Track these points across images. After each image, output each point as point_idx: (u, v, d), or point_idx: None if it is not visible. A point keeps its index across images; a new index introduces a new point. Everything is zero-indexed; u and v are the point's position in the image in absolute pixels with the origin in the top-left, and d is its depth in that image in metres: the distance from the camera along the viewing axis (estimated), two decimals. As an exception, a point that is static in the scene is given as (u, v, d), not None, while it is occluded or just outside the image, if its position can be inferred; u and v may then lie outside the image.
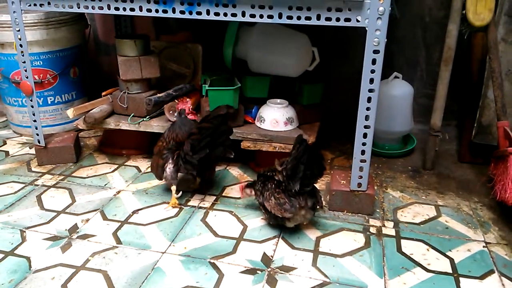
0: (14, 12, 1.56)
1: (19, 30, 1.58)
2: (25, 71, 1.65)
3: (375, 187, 1.62)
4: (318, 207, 1.34)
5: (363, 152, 1.40)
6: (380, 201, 1.57)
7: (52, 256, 1.26)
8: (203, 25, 1.46)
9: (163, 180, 1.54)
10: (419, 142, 1.97)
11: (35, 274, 1.19)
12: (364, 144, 1.39)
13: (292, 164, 1.26)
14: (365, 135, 1.37)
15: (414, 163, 1.87)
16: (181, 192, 1.56)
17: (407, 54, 2.07)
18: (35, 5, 1.53)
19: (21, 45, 1.61)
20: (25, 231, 1.37)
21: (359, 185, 1.44)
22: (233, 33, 1.73)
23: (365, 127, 1.36)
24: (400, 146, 1.97)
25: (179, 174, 1.52)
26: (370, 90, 1.32)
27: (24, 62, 1.63)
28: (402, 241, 1.35)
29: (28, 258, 1.25)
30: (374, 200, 1.50)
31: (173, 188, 1.52)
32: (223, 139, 1.47)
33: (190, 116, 1.54)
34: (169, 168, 1.50)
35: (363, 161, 1.41)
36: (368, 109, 1.34)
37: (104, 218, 1.45)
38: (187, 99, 1.58)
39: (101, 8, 1.46)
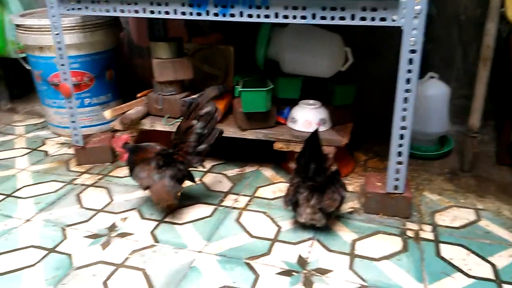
0: (53, 16, 1.61)
1: (58, 34, 1.64)
2: (64, 73, 1.70)
3: (412, 190, 1.59)
4: (327, 211, 1.32)
5: (399, 154, 1.37)
6: (417, 204, 1.54)
7: (93, 253, 1.30)
8: (235, 26, 1.47)
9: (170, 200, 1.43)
10: (456, 143, 1.92)
11: (77, 271, 1.22)
12: (401, 145, 1.36)
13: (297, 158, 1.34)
14: (402, 136, 1.35)
15: (451, 165, 1.82)
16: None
17: (442, 53, 2.02)
18: (73, 9, 1.58)
19: (60, 48, 1.66)
20: (66, 229, 1.42)
21: (396, 187, 1.41)
22: (266, 34, 1.74)
23: (402, 128, 1.34)
24: (436, 147, 1.92)
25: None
26: (407, 90, 1.30)
27: (63, 64, 1.68)
28: (441, 245, 1.32)
29: (69, 255, 1.29)
30: (411, 203, 1.47)
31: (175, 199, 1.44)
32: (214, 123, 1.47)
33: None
34: (166, 181, 1.40)
35: (400, 163, 1.38)
36: (405, 109, 1.32)
37: (142, 217, 1.48)
38: (122, 137, 1.58)
39: (136, 11, 1.48)
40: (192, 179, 1.52)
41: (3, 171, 1.81)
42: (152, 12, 1.47)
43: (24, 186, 1.68)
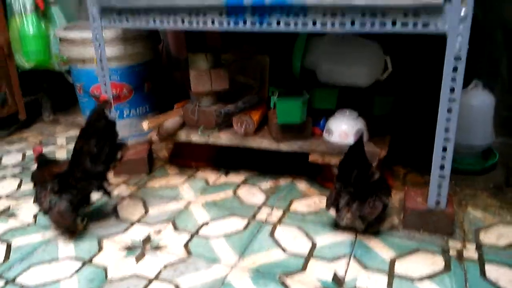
0: (95, 29, 1.65)
1: (99, 46, 1.68)
2: (105, 85, 1.74)
3: (454, 206, 1.51)
4: (369, 219, 1.33)
5: (442, 167, 1.31)
6: (459, 221, 1.46)
7: (127, 266, 1.30)
8: (270, 37, 1.46)
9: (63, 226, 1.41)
10: (501, 156, 1.81)
11: (111, 284, 1.23)
12: (443, 158, 1.30)
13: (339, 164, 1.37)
14: (444, 149, 1.29)
15: (496, 180, 1.72)
16: (86, 220, 1.49)
17: (487, 61, 1.93)
18: (114, 22, 1.62)
19: (101, 60, 1.70)
20: (102, 240, 1.43)
21: (438, 202, 1.34)
22: (303, 43, 1.72)
23: (445, 139, 1.28)
24: (480, 161, 1.82)
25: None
26: (451, 100, 1.24)
27: (104, 76, 1.73)
28: (486, 265, 1.24)
29: (104, 268, 1.30)
30: (454, 219, 1.39)
31: (78, 222, 1.44)
32: (113, 136, 1.43)
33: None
34: (69, 204, 1.36)
35: (442, 176, 1.32)
36: (448, 120, 1.25)
37: (176, 229, 1.48)
38: (37, 147, 1.51)
39: (175, 23, 1.50)
40: (87, 201, 1.47)
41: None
42: (190, 23, 1.48)
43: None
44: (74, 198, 1.38)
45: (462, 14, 1.15)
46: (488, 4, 1.82)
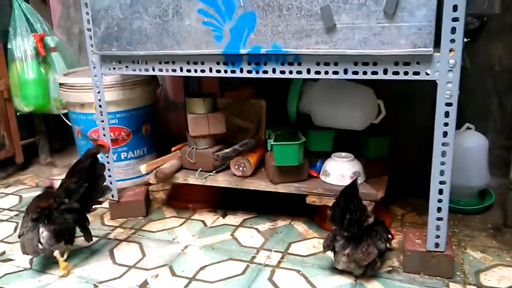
0: (95, 75, 1.69)
1: (99, 92, 1.72)
2: (103, 129, 1.76)
3: (453, 247, 1.51)
4: (361, 264, 1.33)
5: (439, 210, 1.32)
6: (459, 263, 1.45)
7: (123, 312, 1.28)
8: (266, 80, 1.51)
9: (41, 252, 1.43)
10: (497, 197, 1.83)
11: (107, 331, 1.20)
12: (440, 201, 1.31)
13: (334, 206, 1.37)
14: (440, 191, 1.30)
15: (494, 220, 1.73)
16: (66, 254, 1.53)
17: (478, 104, 1.98)
18: (114, 69, 1.66)
19: (100, 106, 1.73)
20: (98, 286, 1.41)
21: (437, 245, 1.34)
22: (297, 88, 1.76)
23: (441, 182, 1.29)
24: (477, 201, 1.84)
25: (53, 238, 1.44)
26: (444, 144, 1.26)
27: (102, 121, 1.75)
28: (489, 309, 1.23)
29: (100, 314, 1.28)
30: (454, 261, 1.39)
31: (56, 253, 1.47)
32: (98, 178, 1.53)
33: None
34: (43, 235, 1.42)
35: (439, 219, 1.32)
36: (443, 163, 1.28)
37: (173, 274, 1.46)
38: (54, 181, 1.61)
39: (174, 70, 1.55)
40: (68, 238, 1.51)
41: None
42: (188, 71, 1.52)
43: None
44: (49, 229, 1.43)
45: (451, 62, 1.19)
46: (475, 52, 1.90)
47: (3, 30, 2.36)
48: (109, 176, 1.80)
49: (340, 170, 1.66)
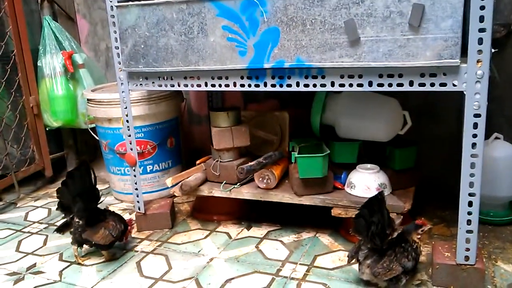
0: (122, 92, 1.74)
1: (126, 107, 1.76)
2: (130, 143, 1.80)
3: (484, 260, 1.47)
4: (381, 279, 1.32)
5: (469, 222, 1.29)
6: (490, 276, 1.42)
7: (152, 325, 1.29)
8: (289, 92, 1.52)
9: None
10: (529, 207, 1.79)
11: None
12: (469, 213, 1.29)
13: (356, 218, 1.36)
14: (470, 204, 1.28)
15: (525, 232, 1.69)
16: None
17: (506, 113, 1.94)
18: (141, 85, 1.70)
19: (127, 121, 1.77)
20: (126, 298, 1.43)
21: (467, 258, 1.32)
22: (321, 100, 1.77)
23: (470, 194, 1.27)
24: (507, 212, 1.79)
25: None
26: (473, 155, 1.24)
27: (129, 135, 1.79)
28: (524, 324, 1.19)
29: (130, 327, 1.29)
30: (484, 275, 1.36)
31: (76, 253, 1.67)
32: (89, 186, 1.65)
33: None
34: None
35: (469, 231, 1.30)
36: (472, 175, 1.26)
37: (199, 286, 1.47)
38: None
39: (199, 86, 1.57)
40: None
41: (67, 237, 1.89)
42: (213, 85, 1.55)
43: (89, 252, 1.74)
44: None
45: (479, 73, 1.18)
46: (503, 60, 1.87)
47: (34, 48, 2.44)
48: (136, 189, 1.84)
49: (365, 181, 1.64)
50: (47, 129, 2.52)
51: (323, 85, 1.39)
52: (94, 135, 2.26)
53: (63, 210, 1.64)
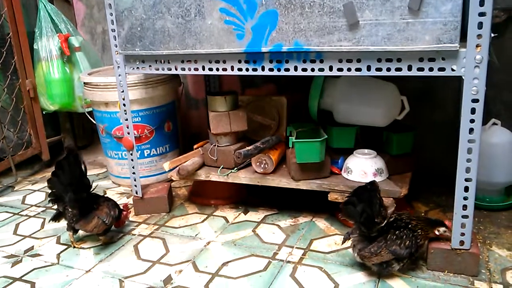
0: (119, 75, 1.72)
1: (123, 91, 1.74)
2: (127, 127, 1.79)
3: (479, 245, 1.49)
4: (367, 263, 1.35)
5: (464, 207, 1.30)
6: (485, 260, 1.43)
7: (149, 307, 1.30)
8: (287, 77, 1.51)
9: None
10: (524, 193, 1.80)
11: (134, 325, 1.23)
12: (465, 198, 1.29)
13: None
14: (466, 189, 1.28)
15: (520, 217, 1.70)
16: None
17: (504, 99, 1.94)
18: (137, 68, 1.68)
19: (124, 104, 1.76)
20: (123, 281, 1.44)
21: (462, 243, 1.33)
22: (319, 85, 1.76)
23: (466, 180, 1.28)
24: (502, 198, 1.81)
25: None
26: (470, 141, 1.24)
27: (127, 119, 1.78)
28: (516, 308, 1.21)
29: (127, 308, 1.31)
30: (479, 259, 1.37)
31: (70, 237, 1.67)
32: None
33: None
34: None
35: (465, 216, 1.31)
36: (468, 160, 1.26)
37: (196, 269, 1.48)
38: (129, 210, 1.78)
39: (196, 69, 1.56)
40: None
41: (64, 220, 1.90)
42: (210, 69, 1.54)
43: (85, 236, 1.74)
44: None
45: (477, 58, 1.17)
46: (502, 45, 1.86)
47: (30, 31, 2.42)
48: (133, 173, 1.84)
49: (362, 167, 1.65)
50: (43, 112, 2.50)
51: (321, 70, 1.38)
52: (91, 119, 2.25)
53: (56, 200, 1.62)
